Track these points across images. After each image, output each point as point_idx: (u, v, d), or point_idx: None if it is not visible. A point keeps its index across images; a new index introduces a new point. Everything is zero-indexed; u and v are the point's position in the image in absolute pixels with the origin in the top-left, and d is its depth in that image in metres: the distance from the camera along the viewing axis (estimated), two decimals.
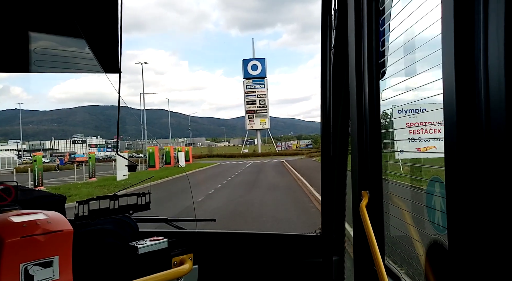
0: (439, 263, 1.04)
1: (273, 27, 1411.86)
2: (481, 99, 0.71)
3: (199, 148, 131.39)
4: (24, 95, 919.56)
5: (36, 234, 1.12)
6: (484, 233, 0.72)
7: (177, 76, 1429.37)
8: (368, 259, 1.29)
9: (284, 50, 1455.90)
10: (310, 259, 1.85)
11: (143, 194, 1.59)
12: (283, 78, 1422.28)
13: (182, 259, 1.59)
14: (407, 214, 1.32)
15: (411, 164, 1.42)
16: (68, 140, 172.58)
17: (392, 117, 1.42)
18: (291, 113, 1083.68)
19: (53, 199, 1.59)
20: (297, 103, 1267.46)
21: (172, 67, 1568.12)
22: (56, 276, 1.14)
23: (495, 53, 0.68)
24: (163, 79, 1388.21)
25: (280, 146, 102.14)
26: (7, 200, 1.23)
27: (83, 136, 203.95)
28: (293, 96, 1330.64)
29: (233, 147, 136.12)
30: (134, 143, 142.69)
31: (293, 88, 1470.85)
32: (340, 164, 1.85)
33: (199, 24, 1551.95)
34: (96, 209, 1.43)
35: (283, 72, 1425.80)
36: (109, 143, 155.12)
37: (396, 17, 1.26)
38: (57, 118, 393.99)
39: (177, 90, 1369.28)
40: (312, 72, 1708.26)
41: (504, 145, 0.66)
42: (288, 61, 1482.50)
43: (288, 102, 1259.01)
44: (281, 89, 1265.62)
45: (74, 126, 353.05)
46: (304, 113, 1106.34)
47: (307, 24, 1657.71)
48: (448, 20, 0.78)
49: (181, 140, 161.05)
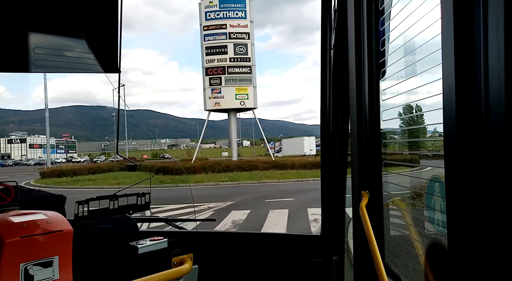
0: (438, 263, 1.04)
1: (263, 29, 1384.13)
2: (481, 99, 0.71)
3: (181, 150, 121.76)
4: (7, 94, 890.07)
5: (36, 234, 1.11)
6: (484, 233, 0.72)
7: (166, 77, 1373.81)
8: (368, 259, 1.29)
9: (274, 52, 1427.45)
10: (310, 259, 1.84)
11: (143, 194, 1.59)
12: (273, 80, 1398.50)
13: (182, 259, 1.59)
14: (407, 214, 1.32)
15: (411, 164, 1.42)
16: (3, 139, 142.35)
17: (392, 117, 1.41)
18: (281, 115, 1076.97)
19: (53, 199, 1.59)
20: (287, 106, 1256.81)
21: (161, 68, 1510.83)
22: (56, 276, 1.14)
23: (495, 52, 0.68)
24: (151, 79, 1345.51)
25: (273, 148, 68.21)
26: (6, 200, 1.23)
27: (25, 134, 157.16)
28: (282, 99, 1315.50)
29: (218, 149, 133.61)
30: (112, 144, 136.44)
31: (283, 90, 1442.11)
32: (340, 164, 1.84)
33: (189, 24, 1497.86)
34: (96, 209, 1.42)
35: (273, 75, 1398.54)
36: (61, 143, 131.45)
37: (396, 17, 1.26)
38: (39, 118, 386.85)
39: (166, 91, 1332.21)
40: (302, 75, 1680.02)
41: (503, 145, 0.66)
42: (278, 63, 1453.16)
43: (277, 104, 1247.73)
44: (271, 91, 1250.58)
45: (58, 127, 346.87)
46: (293, 116, 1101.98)
47: (298, 26, 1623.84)
48: (448, 20, 0.78)
49: (163, 141, 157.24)
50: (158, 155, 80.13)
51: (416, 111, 1.22)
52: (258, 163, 29.06)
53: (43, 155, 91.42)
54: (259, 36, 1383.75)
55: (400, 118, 1.34)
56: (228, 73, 38.61)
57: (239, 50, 38.64)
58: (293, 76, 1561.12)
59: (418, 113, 1.21)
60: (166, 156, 65.06)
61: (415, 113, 1.24)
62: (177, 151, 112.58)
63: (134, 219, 1.69)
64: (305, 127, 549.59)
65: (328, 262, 1.80)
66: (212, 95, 39.21)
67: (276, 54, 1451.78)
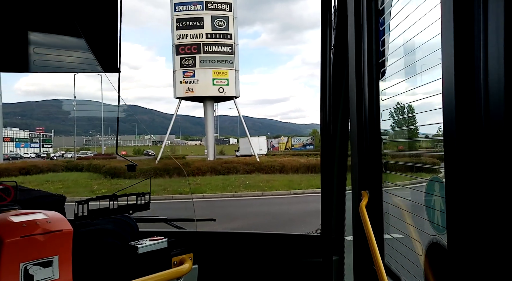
0: (438, 263, 1.05)
1: (252, 26, 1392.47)
2: (481, 98, 0.71)
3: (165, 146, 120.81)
4: None
5: (36, 234, 1.12)
6: (483, 233, 0.72)
7: (153, 72, 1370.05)
8: (368, 259, 1.30)
9: (263, 50, 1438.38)
10: (309, 259, 1.86)
11: (143, 194, 1.61)
12: (261, 78, 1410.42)
13: (182, 258, 1.60)
14: (406, 214, 1.32)
15: (411, 164, 1.39)
16: None
17: (392, 117, 1.41)
18: (269, 113, 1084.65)
19: (52, 199, 1.60)
20: (275, 104, 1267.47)
21: (148, 62, 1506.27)
22: (55, 276, 1.15)
23: (494, 52, 0.68)
24: (137, 74, 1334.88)
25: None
26: (6, 200, 1.25)
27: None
28: (271, 97, 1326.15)
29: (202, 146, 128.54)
30: (93, 139, 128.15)
31: (271, 88, 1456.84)
32: (340, 164, 1.85)
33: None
34: (95, 209, 1.44)
35: (261, 72, 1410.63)
36: (36, 137, 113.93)
37: (396, 17, 1.26)
38: (20, 111, 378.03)
39: (153, 87, 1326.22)
40: (291, 74, 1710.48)
41: (503, 145, 0.67)
42: (267, 62, 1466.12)
43: (265, 102, 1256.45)
44: (259, 89, 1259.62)
45: (39, 120, 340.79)
46: (281, 114, 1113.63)
47: (287, 24, 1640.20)
48: (448, 20, 0.79)
49: (147, 137, 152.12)
50: (139, 151, 73.22)
51: (416, 111, 1.20)
52: (238, 164, 22.54)
53: (15, 149, 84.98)
54: (249, 33, 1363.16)
55: (400, 117, 1.34)
56: (204, 52, 29.86)
57: (218, 24, 29.79)
58: (281, 74, 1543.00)
59: (418, 113, 1.19)
60: (150, 153, 59.83)
61: (415, 113, 1.23)
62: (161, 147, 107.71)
63: (134, 219, 1.69)
64: (292, 126, 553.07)
65: (328, 262, 1.81)
66: (183, 79, 30.02)
67: (265, 52, 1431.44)
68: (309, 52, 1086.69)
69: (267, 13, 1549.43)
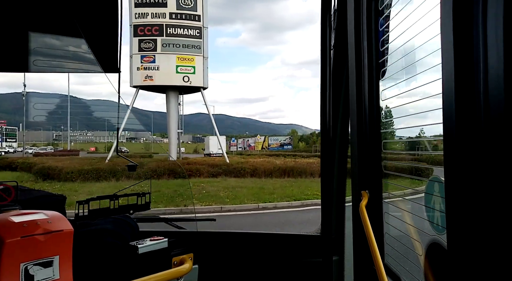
0: (438, 263, 1.05)
1: (233, 25, 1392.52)
2: (480, 98, 0.71)
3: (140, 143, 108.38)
4: None
5: (36, 234, 1.12)
6: (483, 233, 0.72)
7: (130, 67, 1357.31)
8: (368, 259, 1.31)
9: (243, 49, 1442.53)
10: (310, 259, 1.86)
11: (143, 194, 1.61)
12: (241, 77, 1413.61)
13: (182, 259, 1.60)
14: (406, 214, 1.32)
15: (411, 164, 1.39)
16: None
17: (392, 117, 1.41)
18: (248, 113, 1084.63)
19: (53, 199, 1.60)
20: (254, 104, 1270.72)
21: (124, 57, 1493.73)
22: (56, 276, 1.14)
23: (494, 51, 0.68)
24: None
25: (235, 145, 62.07)
26: (7, 200, 1.24)
27: None
28: (250, 96, 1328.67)
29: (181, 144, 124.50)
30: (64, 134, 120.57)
31: (250, 88, 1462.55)
32: (340, 164, 1.85)
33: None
34: (96, 209, 1.44)
35: (241, 72, 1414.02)
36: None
37: (395, 17, 1.26)
38: None
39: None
40: (270, 74, 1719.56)
41: (503, 145, 0.67)
42: (247, 61, 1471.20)
43: (245, 101, 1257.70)
44: (238, 88, 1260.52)
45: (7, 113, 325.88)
46: (260, 114, 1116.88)
47: (268, 24, 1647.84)
48: (447, 20, 0.79)
49: (122, 134, 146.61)
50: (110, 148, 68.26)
51: (416, 111, 1.20)
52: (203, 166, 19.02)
53: None
54: (229, 32, 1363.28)
55: (400, 117, 1.34)
56: (166, 35, 25.45)
57: (185, 2, 25.43)
58: (261, 74, 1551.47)
59: (418, 113, 1.20)
60: (123, 150, 54.87)
61: (415, 113, 1.24)
62: (136, 144, 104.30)
63: (135, 219, 1.69)
64: (271, 125, 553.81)
65: (328, 262, 1.81)
66: (141, 65, 25.44)
67: (245, 51, 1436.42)
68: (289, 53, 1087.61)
69: (248, 12, 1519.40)
